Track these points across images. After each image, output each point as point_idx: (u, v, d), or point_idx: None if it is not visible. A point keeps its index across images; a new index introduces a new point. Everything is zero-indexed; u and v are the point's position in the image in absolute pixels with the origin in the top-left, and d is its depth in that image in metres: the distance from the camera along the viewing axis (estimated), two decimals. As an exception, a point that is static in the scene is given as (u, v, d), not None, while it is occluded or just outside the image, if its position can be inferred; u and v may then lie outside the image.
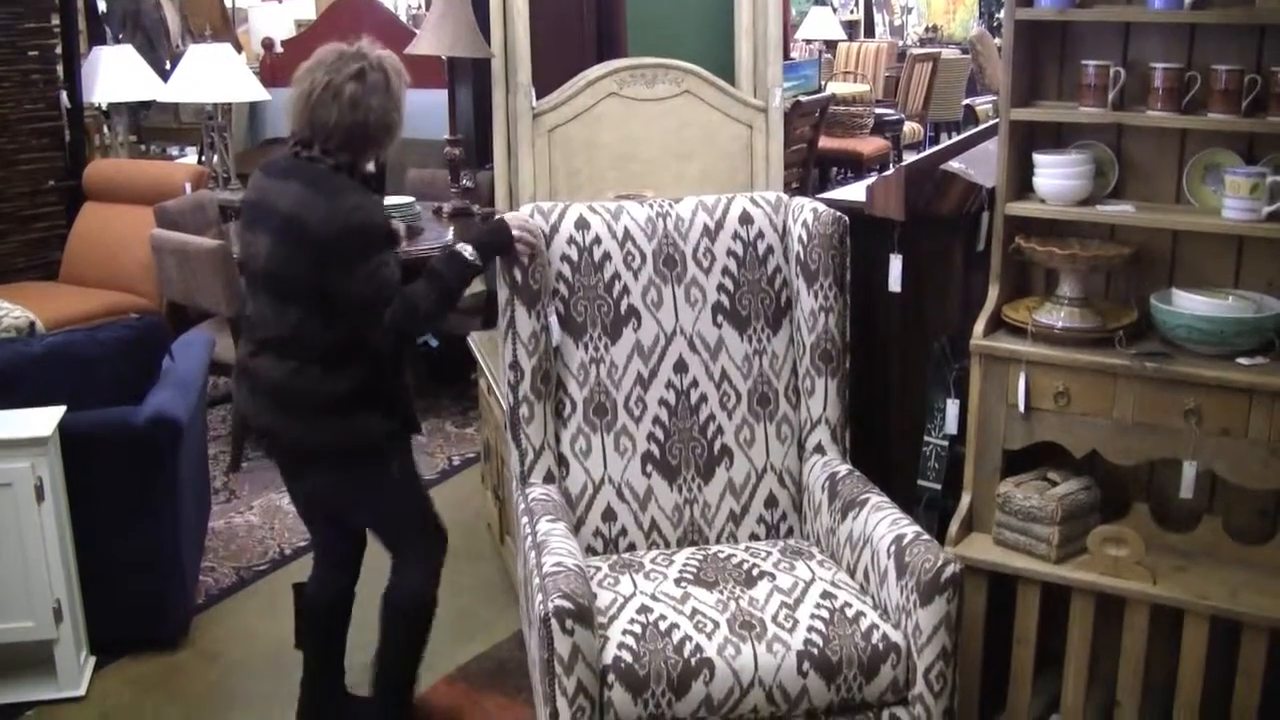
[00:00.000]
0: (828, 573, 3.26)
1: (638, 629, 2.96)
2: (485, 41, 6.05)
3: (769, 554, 3.38)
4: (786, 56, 9.56)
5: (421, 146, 7.16)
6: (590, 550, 3.43)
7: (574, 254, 3.41)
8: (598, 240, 3.44)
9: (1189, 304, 3.22)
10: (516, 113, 6.12)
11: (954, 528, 3.46)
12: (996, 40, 11.47)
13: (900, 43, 14.55)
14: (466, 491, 5.21)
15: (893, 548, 3.08)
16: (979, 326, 3.41)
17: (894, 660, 2.99)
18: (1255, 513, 3.36)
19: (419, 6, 13.73)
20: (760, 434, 3.52)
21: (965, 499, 3.50)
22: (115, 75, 7.55)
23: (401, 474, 3.39)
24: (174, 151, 9.19)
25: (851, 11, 15.52)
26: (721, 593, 3.14)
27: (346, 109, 3.13)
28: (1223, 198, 3.16)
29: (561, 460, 3.41)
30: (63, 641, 3.86)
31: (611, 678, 2.85)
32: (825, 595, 3.13)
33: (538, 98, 6.17)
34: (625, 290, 3.45)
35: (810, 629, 3.00)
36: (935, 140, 11.44)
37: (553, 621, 2.77)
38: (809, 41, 12.77)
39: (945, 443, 3.57)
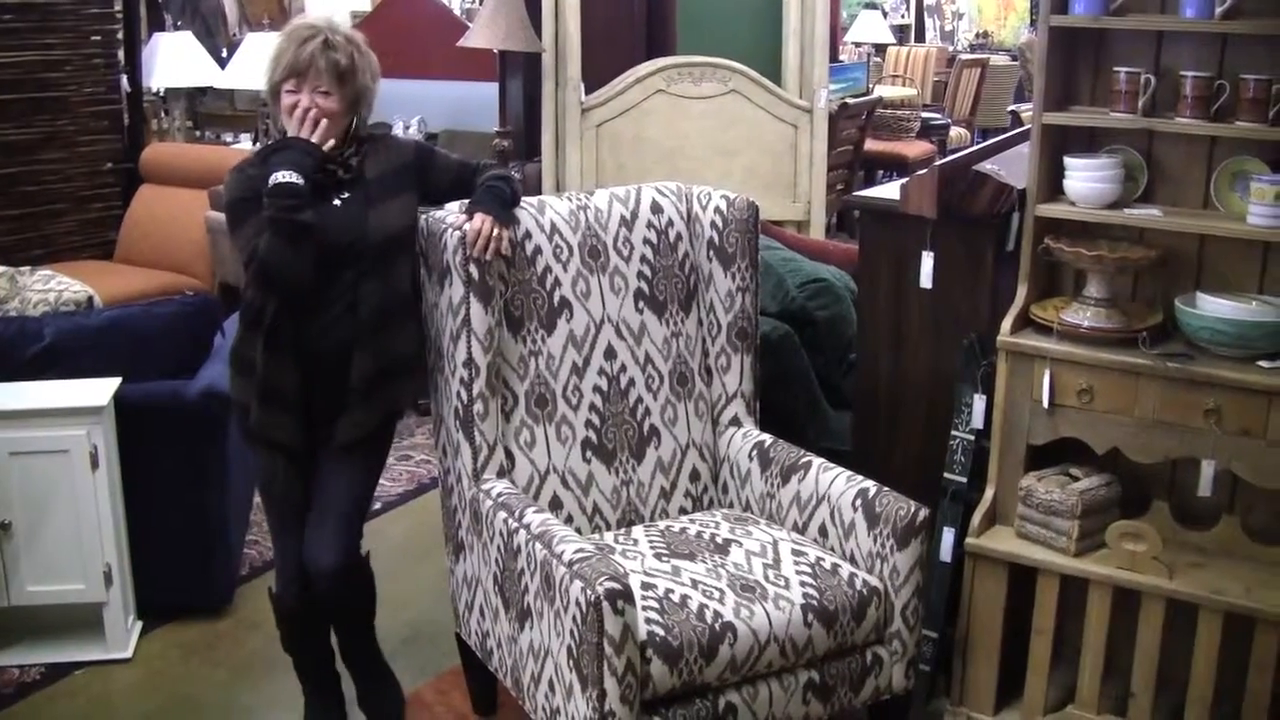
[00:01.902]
0: (781, 533, 3.45)
1: (655, 603, 3.05)
2: (537, 36, 6.17)
3: (719, 523, 3.52)
4: (835, 59, 9.62)
5: (472, 137, 7.29)
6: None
7: (508, 249, 3.46)
8: (528, 235, 3.50)
9: (1212, 307, 3.29)
10: (565, 107, 6.25)
11: (977, 519, 3.54)
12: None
13: (950, 48, 14.58)
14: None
15: (858, 501, 3.31)
16: (1006, 324, 3.49)
17: (876, 602, 3.24)
18: (1273, 513, 3.43)
19: (473, 0, 13.85)
20: (681, 412, 3.68)
21: (989, 492, 3.58)
22: (173, 61, 7.70)
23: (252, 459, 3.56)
24: (228, 138, 9.32)
25: (903, 16, 15.53)
26: (705, 562, 3.28)
27: None
28: (1249, 204, 3.23)
29: (508, 454, 3.47)
30: (111, 605, 4.00)
31: (650, 652, 2.94)
32: (795, 553, 3.31)
33: (587, 93, 6.29)
34: (556, 282, 3.53)
35: (803, 583, 3.17)
36: (982, 146, 11.45)
37: (604, 604, 2.83)
38: (858, 44, 12.82)
39: (972, 437, 3.64)
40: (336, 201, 3.30)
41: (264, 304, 3.23)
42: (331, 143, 3.25)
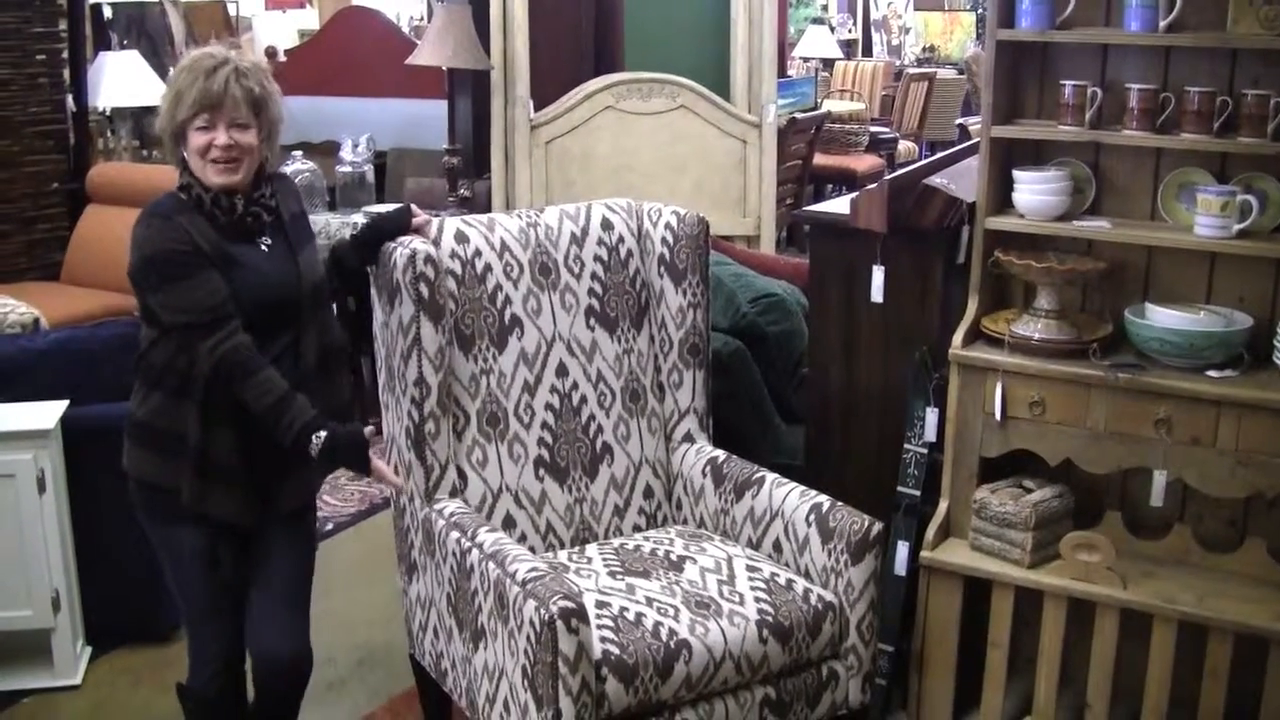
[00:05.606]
0: (735, 549, 3.44)
1: (610, 621, 3.04)
2: (485, 53, 6.15)
3: (674, 540, 3.51)
4: (783, 74, 9.65)
5: (420, 156, 7.26)
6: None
7: (458, 268, 3.43)
8: (478, 253, 3.49)
9: (1161, 318, 3.31)
10: (514, 124, 6.24)
11: (931, 533, 3.55)
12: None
13: (897, 62, 14.65)
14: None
15: (812, 516, 3.31)
16: (958, 337, 3.50)
17: (831, 617, 3.22)
18: (1224, 522, 3.46)
19: (421, 18, 13.81)
20: (634, 429, 3.66)
21: (943, 505, 3.59)
22: (119, 80, 7.62)
23: (163, 542, 3.12)
24: (176, 157, 9.24)
25: (850, 31, 15.61)
26: (659, 579, 3.27)
27: None
28: (1195, 215, 3.26)
29: (460, 473, 3.44)
30: (60, 631, 3.94)
31: (605, 671, 2.93)
32: (750, 569, 3.31)
33: (536, 109, 6.28)
34: (507, 300, 3.51)
35: (758, 599, 3.17)
36: (930, 159, 11.52)
37: (558, 623, 2.81)
38: (806, 60, 12.86)
39: (924, 450, 3.65)
40: (263, 246, 3.06)
41: (193, 374, 2.94)
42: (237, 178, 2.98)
